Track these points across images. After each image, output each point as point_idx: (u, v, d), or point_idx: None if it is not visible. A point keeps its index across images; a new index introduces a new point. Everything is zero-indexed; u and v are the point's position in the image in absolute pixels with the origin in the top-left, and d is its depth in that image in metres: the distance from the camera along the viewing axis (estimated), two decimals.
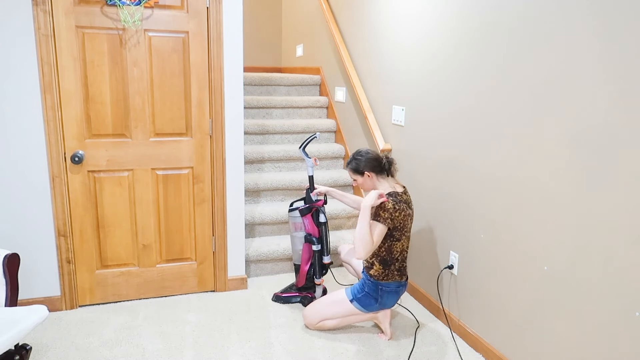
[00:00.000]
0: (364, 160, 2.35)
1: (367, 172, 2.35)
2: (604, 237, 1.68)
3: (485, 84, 2.23)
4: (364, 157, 2.36)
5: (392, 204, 2.24)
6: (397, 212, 2.25)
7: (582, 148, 1.74)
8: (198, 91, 2.67)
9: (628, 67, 1.56)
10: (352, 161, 2.40)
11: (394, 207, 2.24)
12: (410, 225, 2.37)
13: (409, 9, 2.85)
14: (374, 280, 2.38)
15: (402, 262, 2.39)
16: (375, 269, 2.37)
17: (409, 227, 2.36)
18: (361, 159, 2.36)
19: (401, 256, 2.37)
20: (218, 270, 2.93)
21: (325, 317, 2.46)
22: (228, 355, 2.30)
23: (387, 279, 2.37)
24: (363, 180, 2.38)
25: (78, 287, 2.70)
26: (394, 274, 2.37)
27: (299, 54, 5.19)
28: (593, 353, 1.75)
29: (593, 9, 1.66)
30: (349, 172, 2.43)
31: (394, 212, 2.24)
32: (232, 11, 2.63)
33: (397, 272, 2.38)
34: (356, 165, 2.37)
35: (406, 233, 2.35)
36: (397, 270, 2.38)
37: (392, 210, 2.24)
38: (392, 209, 2.24)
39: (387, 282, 2.37)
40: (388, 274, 2.36)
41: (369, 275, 2.40)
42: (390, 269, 2.36)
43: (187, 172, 2.76)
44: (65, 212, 2.56)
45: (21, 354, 1.98)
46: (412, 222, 2.43)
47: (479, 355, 2.35)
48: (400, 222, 2.28)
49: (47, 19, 2.35)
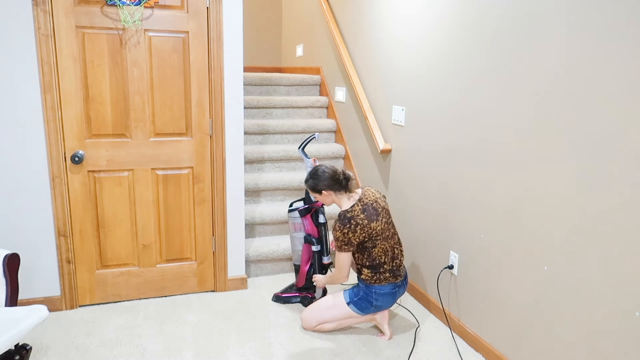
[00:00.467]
0: (321, 180, 2.38)
1: (325, 190, 2.38)
2: (604, 237, 1.68)
3: (486, 84, 2.23)
4: (321, 176, 2.38)
5: (339, 231, 2.29)
6: (350, 233, 2.28)
7: (582, 148, 1.74)
8: (198, 91, 2.67)
9: (628, 65, 1.56)
10: (310, 180, 2.43)
11: (342, 231, 2.29)
12: (380, 227, 2.33)
13: (409, 9, 2.85)
14: (367, 284, 2.39)
15: (391, 263, 2.38)
16: (365, 274, 2.38)
17: (378, 231, 2.32)
18: (318, 178, 2.39)
19: (387, 258, 2.36)
20: (218, 270, 2.93)
21: (323, 321, 2.47)
22: (228, 355, 2.30)
23: (379, 282, 2.37)
24: (322, 198, 2.42)
25: (78, 287, 2.70)
26: (386, 277, 2.37)
27: (299, 54, 5.19)
28: (593, 353, 1.75)
29: (599, 5, 1.66)
30: (309, 190, 2.46)
31: (345, 237, 2.29)
32: (232, 11, 2.63)
33: (389, 273, 2.37)
34: (313, 184, 2.41)
35: (378, 238, 2.32)
36: (389, 272, 2.37)
37: (342, 237, 2.29)
38: (341, 236, 2.29)
39: (381, 285, 2.37)
40: (380, 277, 2.36)
41: (361, 279, 2.41)
42: (380, 272, 2.36)
43: (187, 172, 2.76)
44: (65, 212, 2.56)
45: (21, 354, 1.98)
46: (384, 221, 2.35)
47: (479, 355, 2.35)
48: (363, 236, 2.30)
49: (47, 19, 2.35)
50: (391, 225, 2.41)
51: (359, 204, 2.32)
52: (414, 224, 2.92)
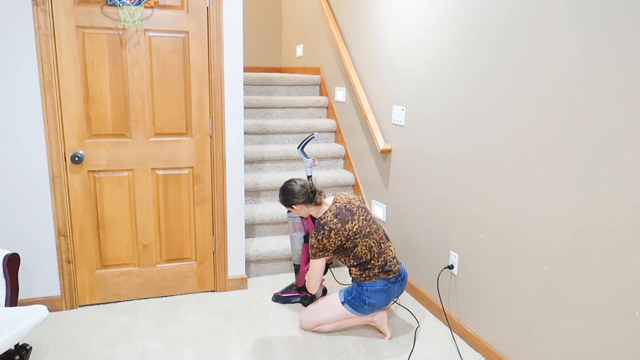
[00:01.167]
0: (290, 196, 2.43)
1: (295, 205, 2.44)
2: (604, 237, 1.68)
3: (486, 84, 2.23)
4: (290, 191, 2.43)
5: (314, 238, 2.34)
6: (324, 240, 2.32)
7: (582, 148, 1.74)
8: (198, 91, 2.67)
9: (627, 66, 1.56)
10: (280, 196, 2.49)
11: (316, 238, 2.34)
12: (356, 225, 2.35)
13: (409, 8, 2.85)
14: (358, 282, 2.40)
15: (379, 259, 2.38)
16: (353, 272, 2.41)
17: (356, 230, 2.34)
18: (287, 193, 2.44)
19: (373, 254, 2.37)
20: (218, 270, 2.93)
21: (320, 322, 2.47)
22: (228, 355, 2.30)
23: (369, 279, 2.37)
24: (296, 211, 2.48)
25: (78, 287, 2.70)
26: (376, 273, 2.37)
27: (299, 54, 5.19)
28: (593, 353, 1.75)
29: (600, 6, 1.66)
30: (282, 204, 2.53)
31: (319, 243, 2.33)
32: (232, 11, 2.63)
33: (378, 269, 2.37)
34: (284, 199, 2.47)
35: (357, 237, 2.34)
36: (378, 268, 2.37)
37: (316, 244, 2.34)
38: (315, 243, 2.34)
39: (372, 282, 2.37)
40: (369, 274, 2.37)
41: (352, 279, 2.44)
42: (369, 269, 2.36)
43: (187, 172, 2.76)
44: (65, 212, 2.56)
45: (21, 354, 1.98)
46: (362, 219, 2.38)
47: (479, 355, 2.35)
48: (339, 239, 2.32)
49: (47, 19, 2.35)
50: (371, 221, 2.43)
51: (331, 210, 2.37)
52: (414, 224, 2.92)
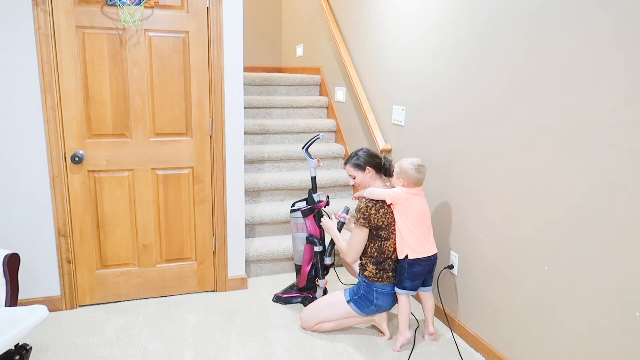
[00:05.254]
0: (366, 157, 2.39)
1: (369, 167, 2.38)
2: (604, 237, 1.67)
3: (486, 84, 2.23)
4: (366, 153, 2.41)
5: (365, 202, 2.28)
6: (372, 210, 2.27)
7: (582, 148, 1.74)
8: (198, 91, 2.67)
9: (629, 67, 1.56)
10: (354, 157, 2.43)
11: (367, 205, 2.27)
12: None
13: (409, 8, 2.85)
14: (369, 281, 2.38)
15: (396, 262, 2.38)
16: (369, 270, 2.37)
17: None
18: (363, 154, 2.40)
19: (395, 255, 2.37)
20: (218, 270, 2.93)
21: (321, 320, 2.46)
22: (228, 355, 2.30)
23: (381, 281, 2.36)
24: (362, 177, 2.40)
25: (78, 287, 2.70)
26: (389, 276, 2.37)
27: (299, 54, 5.19)
28: (593, 353, 1.75)
29: (602, 6, 1.66)
30: (350, 167, 2.44)
31: (367, 211, 2.27)
32: (232, 11, 2.63)
33: (392, 273, 2.37)
34: (357, 160, 2.41)
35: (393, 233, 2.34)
36: (393, 271, 2.37)
37: (364, 210, 2.27)
38: (364, 208, 2.28)
39: (382, 284, 2.37)
40: (383, 276, 2.36)
41: (364, 276, 2.40)
42: (385, 270, 2.35)
43: (187, 172, 2.76)
44: (65, 212, 2.56)
45: (21, 353, 1.98)
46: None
47: (479, 355, 2.35)
48: (382, 221, 2.29)
49: (47, 19, 2.35)
50: None
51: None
52: None
